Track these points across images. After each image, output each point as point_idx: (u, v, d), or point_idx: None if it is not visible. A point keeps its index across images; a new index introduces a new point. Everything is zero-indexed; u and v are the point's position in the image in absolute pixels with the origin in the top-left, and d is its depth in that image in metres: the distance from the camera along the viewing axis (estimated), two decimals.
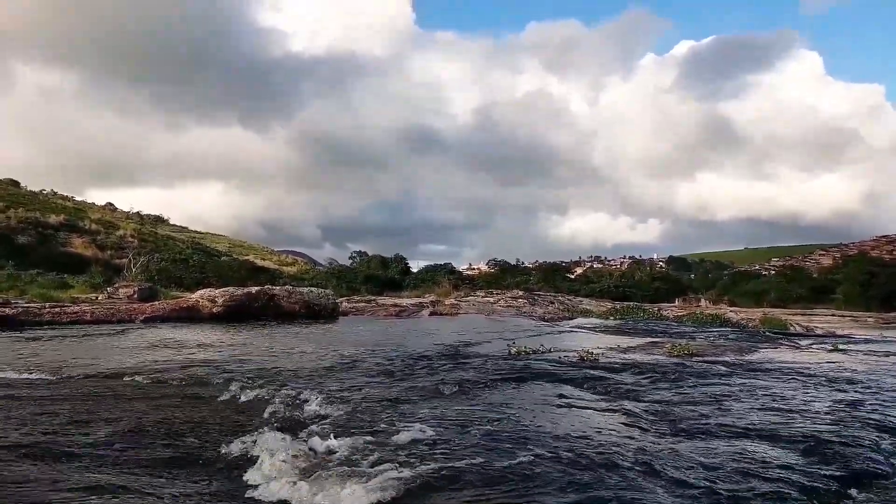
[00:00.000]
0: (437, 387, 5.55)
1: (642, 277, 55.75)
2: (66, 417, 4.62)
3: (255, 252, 58.40)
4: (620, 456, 3.45)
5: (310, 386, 5.62)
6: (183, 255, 42.63)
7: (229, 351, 8.66)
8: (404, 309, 17.92)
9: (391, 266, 49.87)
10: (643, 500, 2.82)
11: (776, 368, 6.98)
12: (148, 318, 13.91)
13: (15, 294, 17.54)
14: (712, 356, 8.09)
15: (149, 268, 28.53)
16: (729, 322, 16.38)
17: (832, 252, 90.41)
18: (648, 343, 9.85)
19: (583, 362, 7.19)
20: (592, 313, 19.42)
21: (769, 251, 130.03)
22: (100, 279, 24.67)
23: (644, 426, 4.24)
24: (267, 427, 4.20)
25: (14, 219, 38.53)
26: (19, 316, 12.86)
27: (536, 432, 3.98)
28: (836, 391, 5.63)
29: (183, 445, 3.91)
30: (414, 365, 6.99)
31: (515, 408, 4.77)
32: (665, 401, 5.09)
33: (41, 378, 6.38)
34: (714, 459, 3.44)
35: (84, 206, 53.43)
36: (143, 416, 4.67)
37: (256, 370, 6.67)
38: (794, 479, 3.15)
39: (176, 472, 3.43)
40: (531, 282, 47.70)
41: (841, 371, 6.85)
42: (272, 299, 15.18)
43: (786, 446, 3.75)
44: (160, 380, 6.24)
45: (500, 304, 20.43)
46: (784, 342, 11.11)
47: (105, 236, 42.92)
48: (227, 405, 5.12)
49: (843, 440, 3.86)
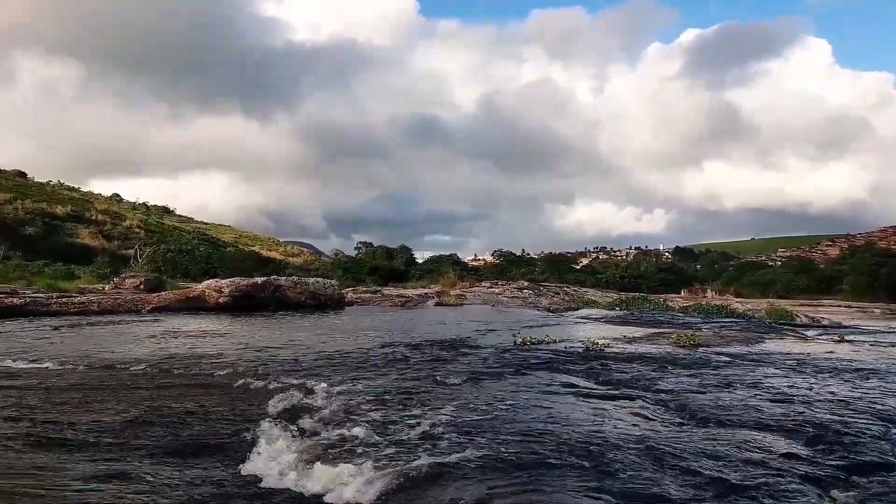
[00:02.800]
0: (442, 377, 5.56)
1: (648, 268, 55.61)
2: (73, 406, 4.65)
3: (260, 243, 58.46)
4: (627, 445, 3.45)
5: (316, 375, 5.64)
6: (189, 245, 42.71)
7: (235, 341, 8.69)
8: (410, 299, 17.95)
9: (396, 257, 49.89)
10: (650, 488, 2.82)
11: (782, 359, 6.95)
12: (154, 308, 13.98)
13: (22, 284, 17.65)
14: (718, 346, 8.07)
15: (155, 258, 28.66)
16: (735, 313, 16.31)
17: (839, 242, 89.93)
18: (654, 333, 9.83)
19: (588, 352, 7.18)
20: (598, 304, 19.38)
21: (776, 241, 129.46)
22: (106, 270, 24.82)
23: (650, 416, 4.24)
24: (273, 416, 4.22)
25: (21, 210, 38.68)
26: (27, 306, 12.94)
27: (543, 422, 3.98)
28: (843, 382, 5.61)
29: (190, 434, 3.94)
30: (419, 355, 7.00)
31: (521, 398, 4.78)
32: (671, 391, 5.08)
33: (49, 367, 6.42)
34: (720, 449, 3.43)
35: (90, 196, 53.56)
36: (150, 404, 4.70)
37: (263, 359, 6.69)
38: (800, 468, 3.15)
39: (183, 459, 3.45)
40: (536, 272, 47.66)
41: (847, 362, 6.82)
42: (278, 290, 15.21)
43: (792, 436, 3.74)
44: (167, 369, 6.27)
45: (506, 295, 20.44)
46: (790, 333, 11.06)
47: (111, 227, 43.07)
48: (234, 394, 5.14)
49: (849, 430, 3.84)
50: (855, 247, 58.56)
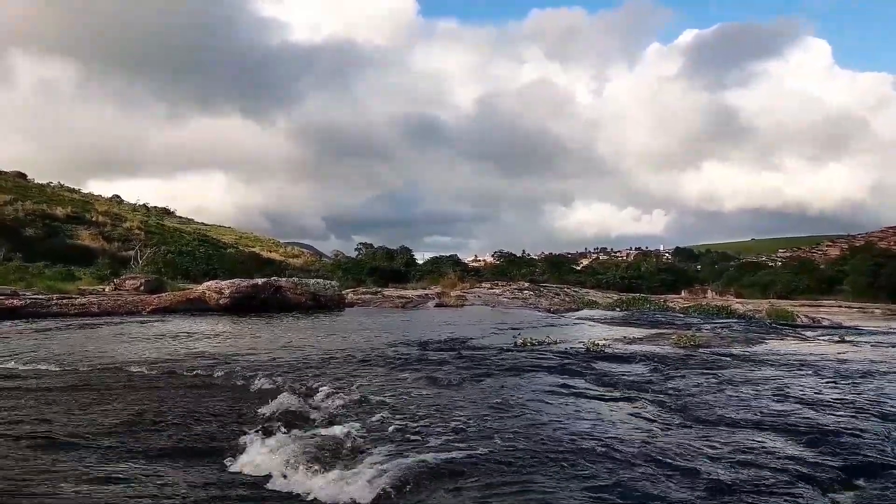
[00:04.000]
0: (442, 378, 5.56)
1: (648, 269, 55.56)
2: (74, 408, 4.65)
3: (261, 244, 58.45)
4: (627, 445, 3.45)
5: (316, 376, 5.64)
6: (189, 247, 42.72)
7: (236, 342, 8.70)
8: (410, 300, 17.95)
9: (397, 258, 49.88)
10: (649, 489, 2.82)
11: (783, 359, 6.96)
12: (155, 309, 13.97)
13: (23, 286, 17.64)
14: (718, 347, 8.07)
15: (155, 260, 28.65)
16: (735, 313, 16.31)
17: (839, 243, 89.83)
18: (655, 334, 9.83)
19: (589, 353, 7.19)
20: (598, 304, 19.38)
21: (776, 242, 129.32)
22: (107, 271, 24.82)
23: (650, 416, 4.24)
24: (273, 417, 4.23)
25: (22, 211, 38.69)
26: (27, 307, 12.93)
27: (543, 423, 3.98)
28: (843, 382, 5.61)
29: (191, 435, 3.94)
30: (420, 356, 7.00)
31: (522, 398, 4.78)
32: (671, 391, 5.08)
33: (49, 369, 6.42)
34: (720, 450, 3.43)
35: (91, 198, 53.58)
36: (151, 406, 4.70)
37: (263, 361, 6.69)
38: (801, 469, 3.15)
39: (184, 461, 3.45)
40: (537, 273, 47.65)
41: (848, 362, 6.82)
42: (278, 291, 15.20)
43: (792, 436, 3.74)
44: (168, 370, 6.27)
45: (506, 296, 20.43)
46: (790, 333, 11.07)
47: (112, 228, 43.05)
48: (234, 395, 5.14)
49: (850, 431, 3.85)
50: (855, 247, 58.47)
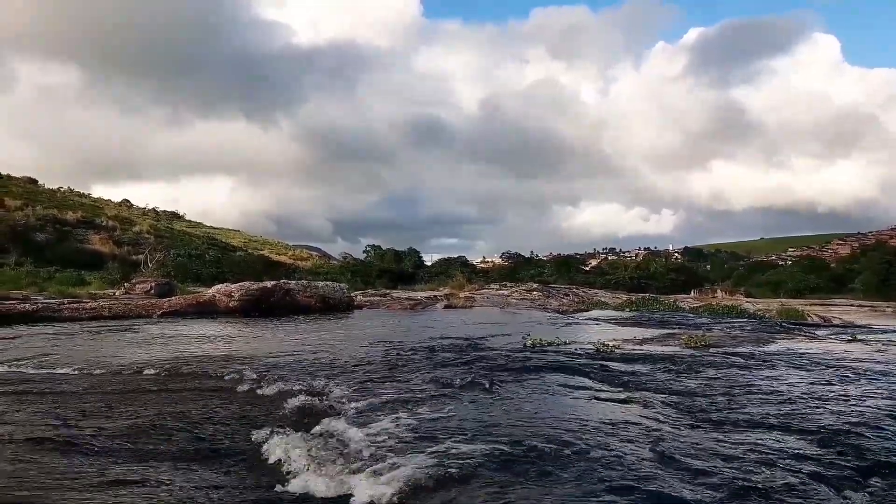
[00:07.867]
0: (452, 379, 5.56)
1: (658, 269, 55.28)
2: (86, 411, 4.69)
3: (269, 247, 58.73)
4: (638, 446, 3.44)
5: (327, 378, 5.66)
6: (199, 250, 42.96)
7: (247, 344, 8.73)
8: (419, 302, 17.97)
9: (405, 260, 49.95)
10: (661, 490, 2.82)
11: (793, 359, 6.91)
12: (165, 313, 14.06)
13: (34, 290, 17.79)
14: (729, 347, 8.03)
15: (165, 263, 28.83)
16: (745, 313, 16.23)
17: (850, 241, 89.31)
18: (665, 334, 9.79)
19: (598, 354, 7.17)
20: (608, 305, 19.32)
21: (786, 241, 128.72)
22: (117, 275, 25.02)
23: (661, 417, 4.22)
24: (286, 419, 4.24)
25: (33, 216, 39.01)
26: (39, 312, 13.05)
27: (553, 424, 3.98)
28: (855, 382, 5.57)
29: (203, 438, 3.96)
30: (430, 357, 7.01)
31: (532, 399, 4.77)
32: (681, 392, 5.06)
33: (61, 373, 6.47)
34: (732, 450, 3.42)
35: (100, 202, 53.98)
36: (162, 409, 4.73)
37: (274, 363, 6.72)
38: (814, 469, 3.13)
39: (196, 464, 3.47)
40: (545, 274, 47.56)
41: (859, 361, 6.77)
42: (288, 293, 15.26)
43: (804, 437, 3.72)
44: (179, 373, 6.30)
45: (515, 297, 20.41)
46: (801, 333, 10.99)
47: (122, 233, 43.40)
48: (246, 398, 5.16)
49: (862, 431, 3.82)
50: (866, 245, 58.09)
